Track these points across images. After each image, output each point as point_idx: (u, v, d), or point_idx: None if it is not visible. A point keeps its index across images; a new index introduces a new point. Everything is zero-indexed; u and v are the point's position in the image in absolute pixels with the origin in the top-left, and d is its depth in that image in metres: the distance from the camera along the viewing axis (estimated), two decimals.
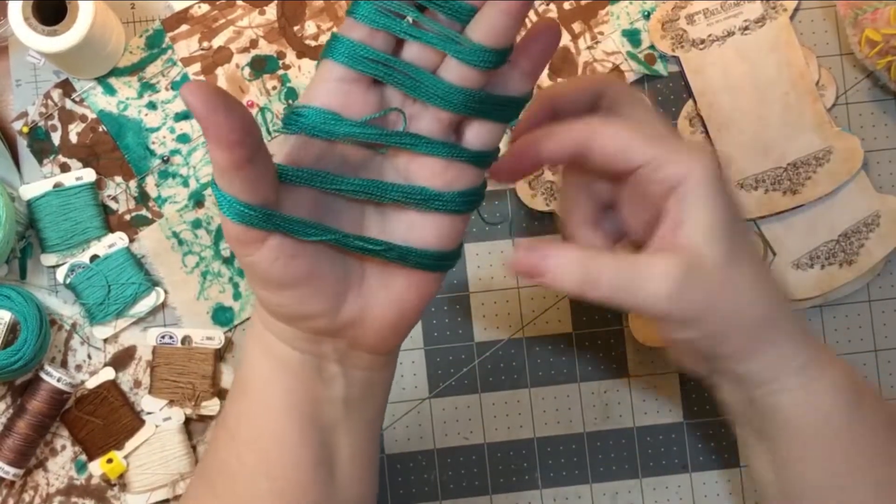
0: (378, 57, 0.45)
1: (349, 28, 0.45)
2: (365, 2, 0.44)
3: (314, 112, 0.45)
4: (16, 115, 0.75)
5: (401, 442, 0.75)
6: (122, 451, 0.73)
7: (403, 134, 0.46)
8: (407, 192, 0.46)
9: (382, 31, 0.44)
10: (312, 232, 0.45)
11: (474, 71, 0.44)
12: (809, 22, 0.76)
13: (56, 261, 0.74)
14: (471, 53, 0.44)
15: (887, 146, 0.76)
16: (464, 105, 0.45)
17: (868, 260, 0.75)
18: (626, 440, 0.75)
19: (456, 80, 0.45)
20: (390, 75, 0.45)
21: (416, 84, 0.45)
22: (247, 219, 0.43)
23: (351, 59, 0.44)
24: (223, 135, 0.41)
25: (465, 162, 0.46)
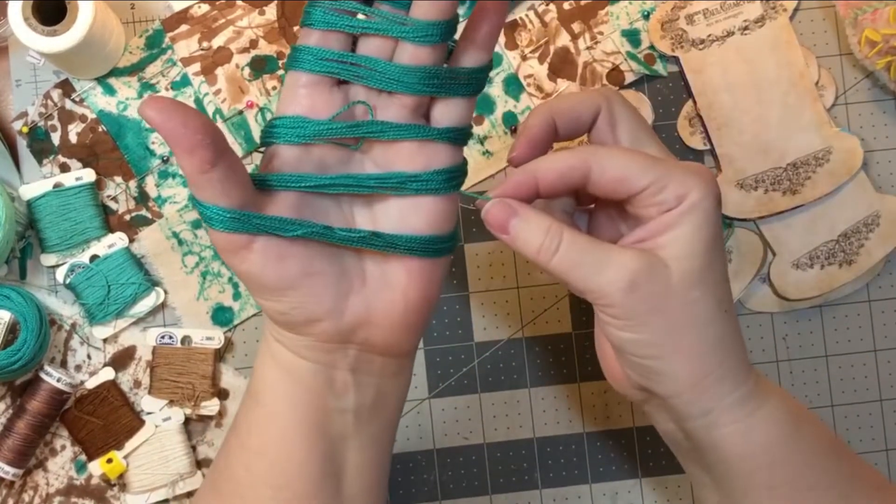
0: (335, 56, 0.46)
1: (305, 36, 0.47)
2: (314, 8, 0.46)
3: (284, 120, 0.46)
4: (16, 115, 0.75)
5: (401, 442, 0.75)
6: (121, 451, 0.73)
7: (370, 123, 0.47)
8: (383, 179, 0.47)
9: (335, 32, 0.46)
10: (293, 227, 0.46)
11: (425, 48, 0.46)
12: (809, 22, 0.76)
13: (56, 261, 0.74)
14: (416, 31, 0.46)
15: (887, 146, 0.76)
16: (422, 84, 0.47)
17: (868, 260, 0.75)
18: (626, 440, 0.75)
19: (411, 61, 0.46)
20: (349, 71, 0.47)
21: (373, 74, 0.47)
22: (227, 224, 0.44)
23: (311, 63, 0.46)
24: (184, 140, 0.42)
25: (437, 140, 0.48)
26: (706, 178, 0.49)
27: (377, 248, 0.48)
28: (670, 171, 0.49)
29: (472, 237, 0.75)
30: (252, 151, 0.75)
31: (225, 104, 0.75)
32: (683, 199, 0.49)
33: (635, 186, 0.49)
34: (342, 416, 0.50)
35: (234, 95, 0.75)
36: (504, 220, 0.50)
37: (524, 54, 0.76)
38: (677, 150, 0.76)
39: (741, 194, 0.75)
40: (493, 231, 0.51)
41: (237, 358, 0.74)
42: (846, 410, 0.76)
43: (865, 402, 0.76)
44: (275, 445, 0.49)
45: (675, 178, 0.49)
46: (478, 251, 0.75)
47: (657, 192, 0.49)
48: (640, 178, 0.49)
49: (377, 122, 0.47)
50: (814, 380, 0.76)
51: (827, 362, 0.76)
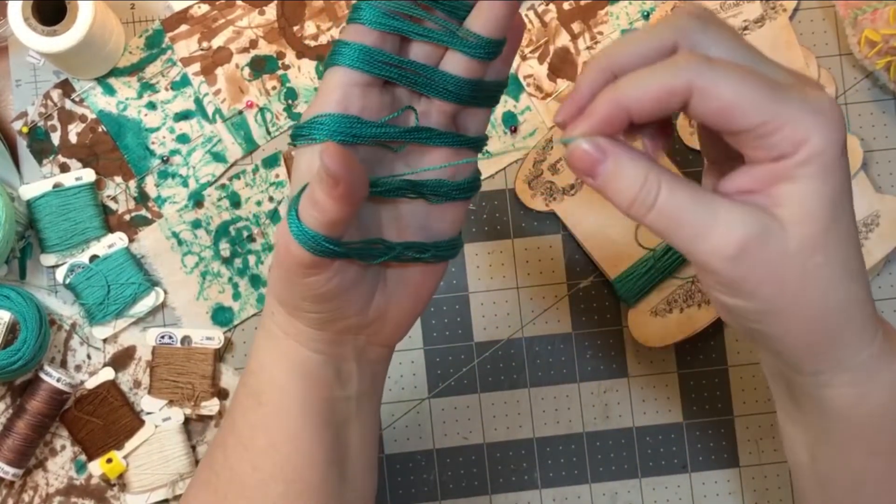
0: (391, 59, 0.46)
1: (358, 33, 0.46)
2: (369, 7, 0.46)
3: (335, 119, 0.46)
4: (16, 115, 0.75)
5: (400, 442, 0.75)
6: (121, 451, 0.73)
7: (421, 129, 0.47)
8: (434, 187, 0.48)
9: (391, 34, 0.46)
10: (379, 253, 0.47)
11: (478, 62, 0.46)
12: (809, 22, 0.76)
13: (56, 261, 0.74)
14: (476, 46, 0.46)
15: (887, 146, 0.76)
16: (470, 96, 0.47)
17: (868, 260, 0.75)
18: (626, 440, 0.75)
19: (462, 72, 0.47)
20: (403, 75, 0.46)
21: (426, 81, 0.47)
22: (328, 253, 0.44)
23: (366, 63, 0.46)
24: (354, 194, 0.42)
25: (469, 149, 0.49)
26: (831, 120, 0.40)
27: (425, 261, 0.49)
28: (789, 107, 0.40)
29: (472, 237, 0.75)
30: (252, 151, 0.75)
31: (225, 104, 0.75)
32: (800, 146, 0.40)
33: (745, 123, 0.40)
34: (346, 402, 0.51)
35: (234, 95, 0.75)
36: (592, 165, 0.42)
37: (524, 54, 0.76)
38: (677, 149, 0.76)
39: None
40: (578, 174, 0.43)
41: (237, 358, 0.74)
42: None
43: None
44: (284, 442, 0.50)
45: (795, 118, 0.40)
46: (478, 251, 0.75)
47: (770, 134, 0.40)
48: (752, 114, 0.40)
49: (427, 128, 0.47)
50: None
51: None
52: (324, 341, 0.49)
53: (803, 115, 0.40)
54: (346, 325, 0.49)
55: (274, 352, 0.51)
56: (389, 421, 0.74)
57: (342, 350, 0.50)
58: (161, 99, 0.75)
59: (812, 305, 0.43)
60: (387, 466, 0.74)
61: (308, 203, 0.43)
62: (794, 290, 0.42)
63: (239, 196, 0.75)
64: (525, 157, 0.75)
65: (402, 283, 0.50)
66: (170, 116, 0.75)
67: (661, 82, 0.40)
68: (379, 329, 0.50)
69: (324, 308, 0.48)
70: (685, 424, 0.75)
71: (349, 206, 0.43)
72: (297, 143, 0.47)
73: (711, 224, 0.41)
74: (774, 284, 0.42)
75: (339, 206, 0.42)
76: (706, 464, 0.75)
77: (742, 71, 0.41)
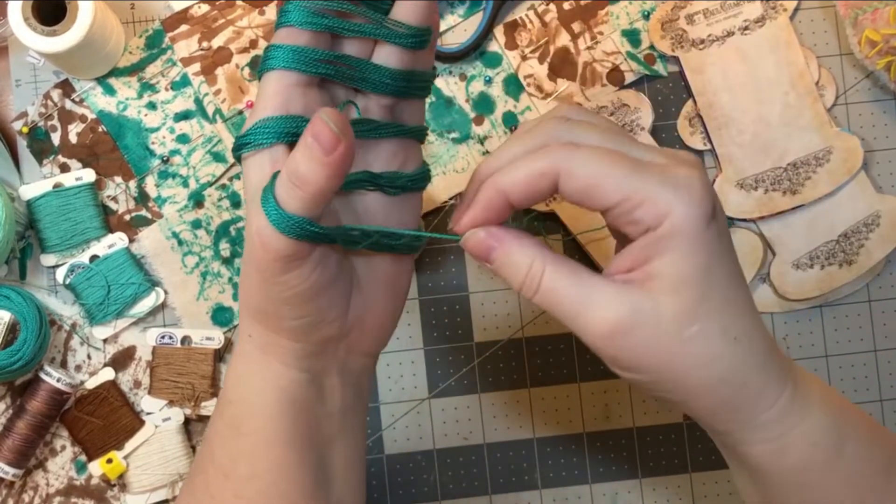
0: (325, 56, 0.46)
1: (288, 35, 0.46)
2: (296, 8, 0.45)
3: (280, 121, 0.45)
4: (16, 115, 0.75)
5: (400, 442, 0.75)
6: (121, 452, 0.73)
7: (366, 121, 0.47)
8: (390, 178, 0.48)
9: (321, 32, 0.46)
10: (358, 238, 0.46)
11: (411, 52, 0.47)
12: (809, 22, 0.76)
13: (56, 261, 0.74)
14: (407, 36, 0.46)
15: (887, 146, 0.76)
16: (405, 87, 0.47)
17: (868, 260, 0.75)
18: (626, 440, 0.75)
19: (394, 64, 0.47)
20: (339, 72, 0.46)
21: (362, 75, 0.47)
22: (310, 235, 0.43)
23: (301, 63, 0.45)
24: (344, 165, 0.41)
25: (413, 139, 0.49)
26: (693, 192, 0.41)
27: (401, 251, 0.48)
28: (648, 183, 0.42)
29: None
30: None
31: (225, 104, 0.75)
32: (663, 219, 0.41)
33: (607, 200, 0.42)
34: (329, 419, 0.50)
35: (234, 95, 0.75)
36: (487, 252, 0.46)
37: (524, 54, 0.76)
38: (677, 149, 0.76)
39: (741, 194, 0.75)
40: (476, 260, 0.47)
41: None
42: None
43: (865, 402, 0.76)
44: (267, 470, 0.49)
45: (654, 193, 0.41)
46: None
47: (633, 210, 0.42)
48: (612, 192, 0.42)
49: (370, 120, 0.47)
50: None
51: (827, 362, 0.76)
52: (306, 356, 0.48)
53: (662, 190, 0.41)
54: (327, 334, 0.48)
55: (254, 379, 0.49)
56: (389, 421, 0.75)
57: (324, 363, 0.49)
58: (161, 99, 0.75)
59: (698, 374, 0.43)
60: (387, 466, 0.75)
61: (288, 184, 0.42)
62: (675, 361, 0.43)
63: (239, 196, 0.75)
64: None
65: (376, 282, 0.49)
66: (170, 116, 0.75)
67: (531, 167, 0.44)
68: (359, 336, 0.49)
69: (304, 311, 0.46)
70: (685, 424, 0.75)
71: (337, 174, 0.42)
72: (243, 152, 0.46)
73: (587, 306, 0.43)
74: (654, 358, 0.43)
75: (330, 172, 0.41)
76: (706, 464, 0.75)
77: (603, 153, 0.43)
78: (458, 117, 0.76)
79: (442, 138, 0.75)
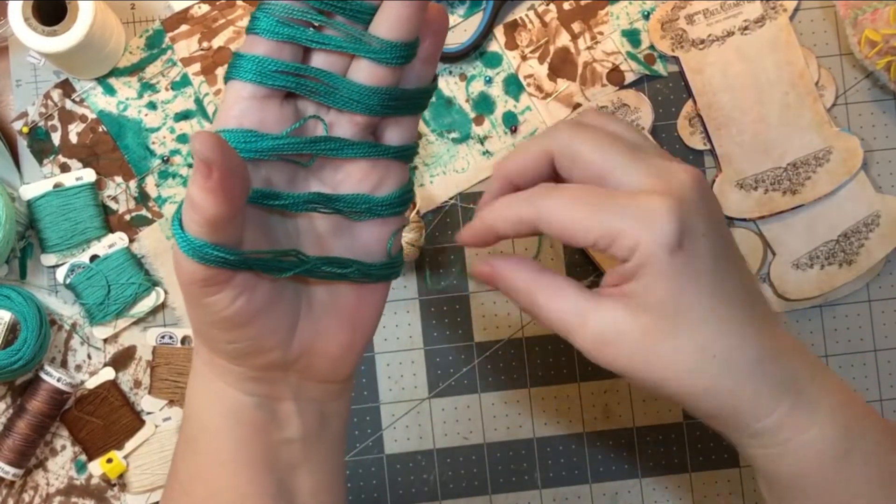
0: (287, 68, 0.43)
1: (253, 44, 0.43)
2: (265, 15, 0.43)
3: (231, 134, 0.43)
4: (16, 115, 0.75)
5: (400, 442, 0.75)
6: (121, 451, 0.73)
7: (327, 139, 0.44)
8: (351, 202, 0.45)
9: (287, 43, 0.43)
10: (288, 266, 0.43)
11: (387, 69, 0.43)
12: (809, 22, 0.76)
13: (56, 261, 0.74)
14: (382, 51, 0.43)
15: (887, 146, 0.76)
16: (381, 105, 0.44)
17: (868, 260, 0.75)
18: (626, 440, 0.75)
19: (369, 80, 0.43)
20: (302, 85, 0.43)
21: (329, 91, 0.44)
22: (218, 262, 0.41)
23: (260, 75, 0.42)
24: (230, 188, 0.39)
25: (389, 160, 0.46)
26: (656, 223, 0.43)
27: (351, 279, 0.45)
28: (617, 221, 0.44)
29: None
30: None
31: None
32: (633, 252, 0.44)
33: (582, 241, 0.45)
34: (288, 446, 0.47)
35: None
36: (491, 280, 0.49)
37: (524, 54, 0.76)
38: (677, 150, 0.76)
39: (741, 194, 0.75)
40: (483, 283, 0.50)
41: None
42: None
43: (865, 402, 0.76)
44: (223, 491, 0.47)
45: (622, 229, 0.44)
46: (478, 251, 0.75)
47: (608, 246, 0.44)
48: (585, 233, 0.45)
49: (335, 138, 0.44)
50: None
51: (827, 362, 0.76)
52: (249, 380, 0.46)
53: (630, 225, 0.44)
54: (268, 360, 0.45)
55: (203, 394, 0.47)
56: (389, 421, 0.75)
57: (274, 389, 0.46)
58: (161, 99, 0.75)
59: (680, 384, 0.46)
60: (387, 466, 0.75)
61: (187, 206, 0.40)
62: (658, 372, 0.46)
63: None
64: None
65: (332, 312, 0.46)
66: (170, 116, 0.75)
67: (514, 211, 0.47)
68: (310, 364, 0.46)
69: (236, 337, 0.44)
70: (685, 424, 0.75)
71: (226, 200, 0.39)
72: None
73: (580, 321, 0.46)
74: (639, 366, 0.46)
75: (215, 199, 0.39)
76: (706, 464, 0.75)
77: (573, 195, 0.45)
78: (458, 117, 0.76)
79: (442, 138, 0.76)
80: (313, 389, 0.48)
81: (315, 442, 0.48)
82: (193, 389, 0.48)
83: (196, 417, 0.48)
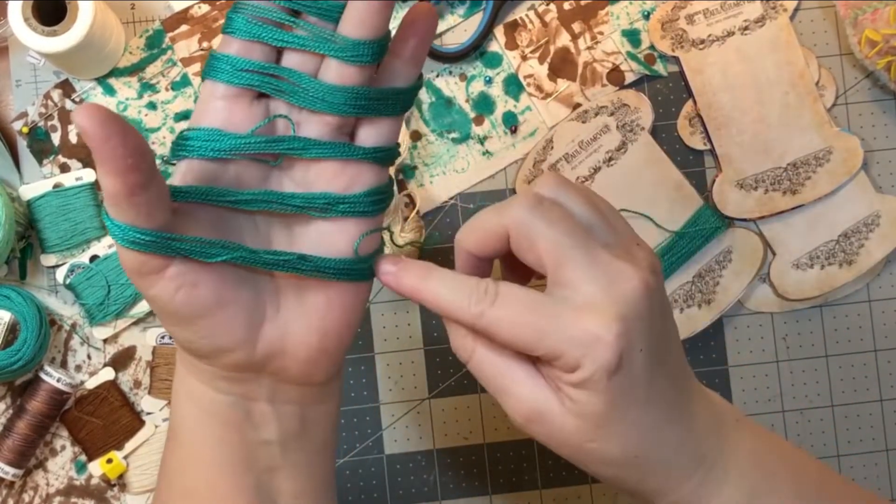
0: (257, 67, 0.43)
1: (225, 44, 0.44)
2: (238, 15, 0.43)
3: (199, 132, 0.43)
4: (16, 115, 0.75)
5: (400, 442, 0.75)
6: (121, 452, 0.73)
7: (291, 138, 0.44)
8: (310, 199, 0.45)
9: (258, 43, 0.43)
10: (216, 252, 0.42)
11: (354, 67, 0.43)
12: (809, 22, 0.76)
13: (56, 261, 0.74)
14: (345, 50, 0.43)
15: (887, 146, 0.76)
16: (347, 105, 0.44)
17: (868, 260, 0.75)
18: None
19: (337, 79, 0.43)
20: (269, 84, 0.44)
21: (297, 90, 0.44)
22: (143, 246, 0.41)
23: (229, 74, 0.43)
24: (118, 160, 0.38)
25: (362, 160, 0.45)
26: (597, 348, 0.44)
27: (303, 272, 0.44)
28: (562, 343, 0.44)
29: None
30: None
31: None
32: (575, 369, 0.44)
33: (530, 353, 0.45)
34: (266, 447, 0.47)
35: None
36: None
37: (524, 54, 0.76)
38: (677, 149, 0.76)
39: (741, 194, 0.75)
40: None
41: None
42: (846, 410, 0.76)
43: (865, 402, 0.76)
44: (200, 486, 0.47)
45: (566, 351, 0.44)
46: None
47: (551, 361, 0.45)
48: (530, 349, 0.45)
49: (299, 138, 0.44)
50: (814, 380, 0.76)
51: (827, 362, 0.76)
52: (222, 378, 0.46)
53: (573, 349, 0.44)
54: (233, 360, 0.45)
55: (181, 391, 0.48)
56: (389, 421, 0.75)
57: (247, 389, 0.46)
58: (161, 99, 0.75)
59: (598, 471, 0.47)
60: (387, 466, 0.75)
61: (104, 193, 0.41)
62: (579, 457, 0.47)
63: None
64: (525, 157, 0.75)
65: (301, 314, 0.45)
66: (170, 117, 0.75)
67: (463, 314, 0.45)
68: (282, 367, 0.46)
69: (188, 334, 0.44)
70: None
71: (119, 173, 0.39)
72: (171, 159, 0.45)
73: (509, 391, 0.46)
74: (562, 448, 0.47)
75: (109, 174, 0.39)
76: None
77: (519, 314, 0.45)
78: (458, 117, 0.76)
79: (442, 138, 0.76)
80: (290, 392, 0.47)
81: (295, 446, 0.48)
82: (174, 385, 0.48)
83: (177, 412, 0.48)
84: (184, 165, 0.44)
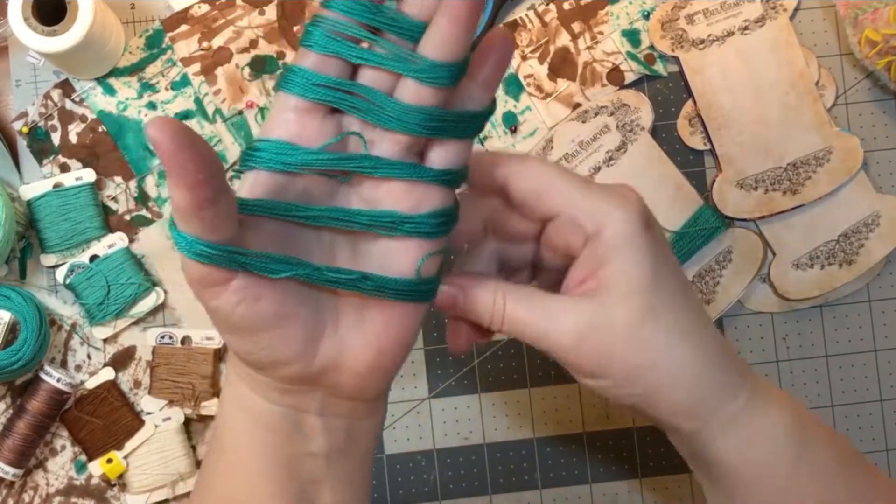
0: (332, 83, 0.43)
1: (302, 57, 0.43)
2: (316, 28, 0.43)
3: (269, 144, 0.43)
4: (16, 115, 0.75)
5: (401, 442, 0.75)
6: (121, 452, 0.73)
7: (362, 157, 0.44)
8: (375, 217, 0.44)
9: (335, 57, 0.43)
10: (280, 268, 0.42)
11: (431, 89, 0.43)
12: (809, 22, 0.76)
13: (56, 261, 0.74)
14: (425, 71, 0.42)
15: (887, 146, 0.76)
16: (421, 126, 0.43)
17: (868, 260, 0.75)
18: (626, 440, 0.75)
19: (413, 99, 0.43)
20: (344, 101, 0.43)
21: (371, 108, 0.43)
22: (208, 258, 0.41)
23: (303, 87, 0.43)
24: (188, 175, 0.38)
25: (430, 182, 0.45)
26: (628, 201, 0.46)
27: (364, 291, 0.44)
28: (590, 193, 0.46)
29: None
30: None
31: (225, 104, 0.75)
32: (605, 226, 0.45)
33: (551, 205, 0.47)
34: (312, 459, 0.47)
35: (234, 95, 0.75)
36: (453, 301, 0.49)
37: (524, 54, 0.76)
38: (677, 149, 0.76)
39: (741, 194, 0.75)
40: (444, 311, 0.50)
41: None
42: (846, 410, 0.76)
43: (865, 402, 0.76)
44: (241, 492, 0.47)
45: (595, 201, 0.46)
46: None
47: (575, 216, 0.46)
48: (557, 197, 0.46)
49: (370, 156, 0.44)
50: (814, 380, 0.76)
51: (827, 362, 0.76)
52: (276, 390, 0.46)
53: (603, 200, 0.46)
54: (289, 373, 0.45)
55: (231, 398, 0.48)
56: (389, 421, 0.74)
57: (299, 401, 0.46)
58: (161, 99, 0.75)
59: (656, 370, 0.47)
60: (387, 466, 0.75)
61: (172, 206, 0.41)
62: (633, 360, 0.46)
63: None
64: None
65: (359, 332, 0.45)
66: (170, 116, 0.75)
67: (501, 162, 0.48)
68: (336, 382, 0.46)
69: (248, 345, 0.44)
70: None
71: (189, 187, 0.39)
72: (241, 168, 0.44)
73: (549, 323, 0.47)
74: (614, 361, 0.47)
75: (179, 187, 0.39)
76: None
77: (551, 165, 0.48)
78: None
79: None
80: (341, 406, 0.47)
81: (340, 459, 0.48)
82: (224, 391, 0.49)
83: (224, 418, 0.48)
84: (252, 176, 0.43)
